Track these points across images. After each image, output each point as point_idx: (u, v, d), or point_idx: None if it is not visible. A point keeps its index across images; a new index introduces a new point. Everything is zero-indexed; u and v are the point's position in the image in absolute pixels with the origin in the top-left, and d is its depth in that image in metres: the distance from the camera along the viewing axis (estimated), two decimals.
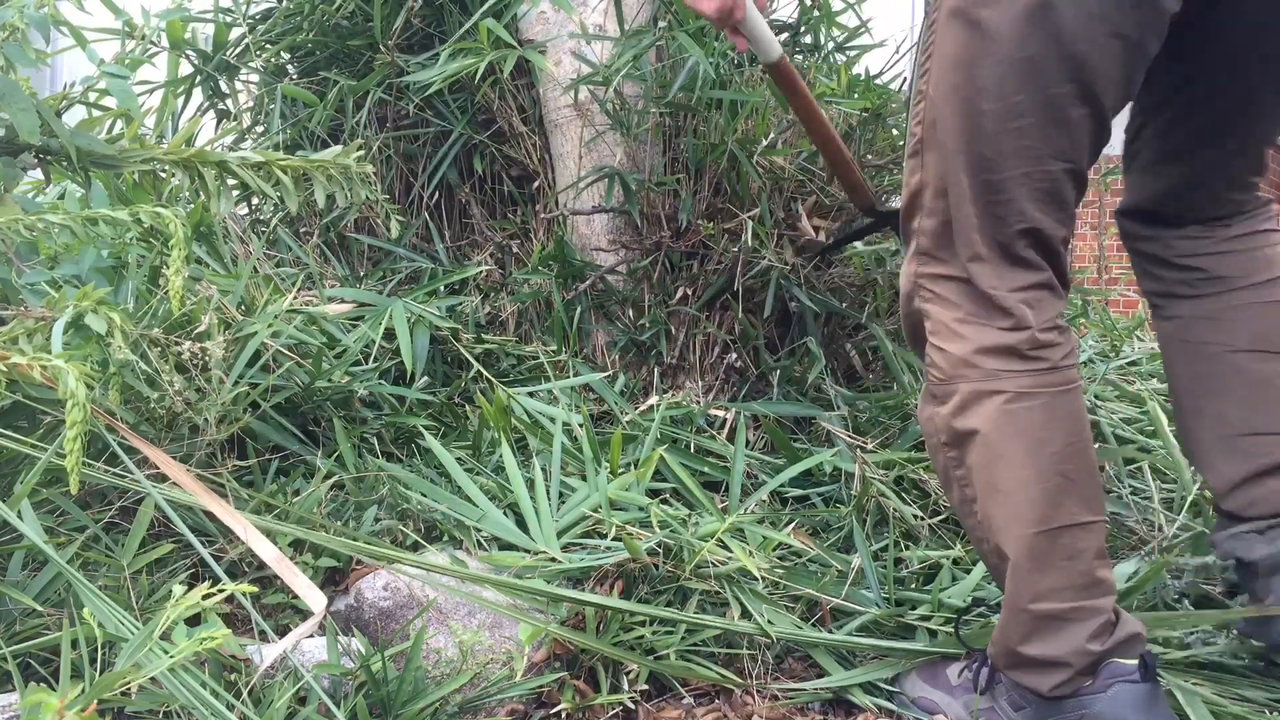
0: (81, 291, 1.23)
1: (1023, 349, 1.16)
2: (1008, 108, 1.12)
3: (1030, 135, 1.13)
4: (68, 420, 1.05)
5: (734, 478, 1.78)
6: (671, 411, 1.97)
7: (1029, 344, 1.16)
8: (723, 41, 2.10)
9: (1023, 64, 1.10)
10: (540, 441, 1.82)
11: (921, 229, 1.23)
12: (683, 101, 2.16)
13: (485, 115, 2.45)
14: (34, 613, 1.21)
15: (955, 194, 1.17)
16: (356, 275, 2.37)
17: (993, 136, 1.14)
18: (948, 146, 1.16)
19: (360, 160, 1.72)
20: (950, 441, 1.21)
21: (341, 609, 1.40)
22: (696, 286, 2.19)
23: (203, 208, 1.84)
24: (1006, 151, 1.14)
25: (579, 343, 2.24)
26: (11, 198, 1.44)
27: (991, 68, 1.12)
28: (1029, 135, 1.13)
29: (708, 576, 1.49)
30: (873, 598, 1.53)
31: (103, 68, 1.60)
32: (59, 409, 1.36)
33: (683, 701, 1.37)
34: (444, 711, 1.27)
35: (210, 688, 1.03)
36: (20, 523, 1.13)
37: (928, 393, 1.25)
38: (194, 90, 2.54)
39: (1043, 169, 1.14)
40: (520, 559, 1.50)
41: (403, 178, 2.50)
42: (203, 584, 0.94)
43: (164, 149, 1.57)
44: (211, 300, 1.63)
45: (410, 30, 2.39)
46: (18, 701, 1.05)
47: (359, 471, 1.70)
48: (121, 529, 1.42)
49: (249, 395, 1.65)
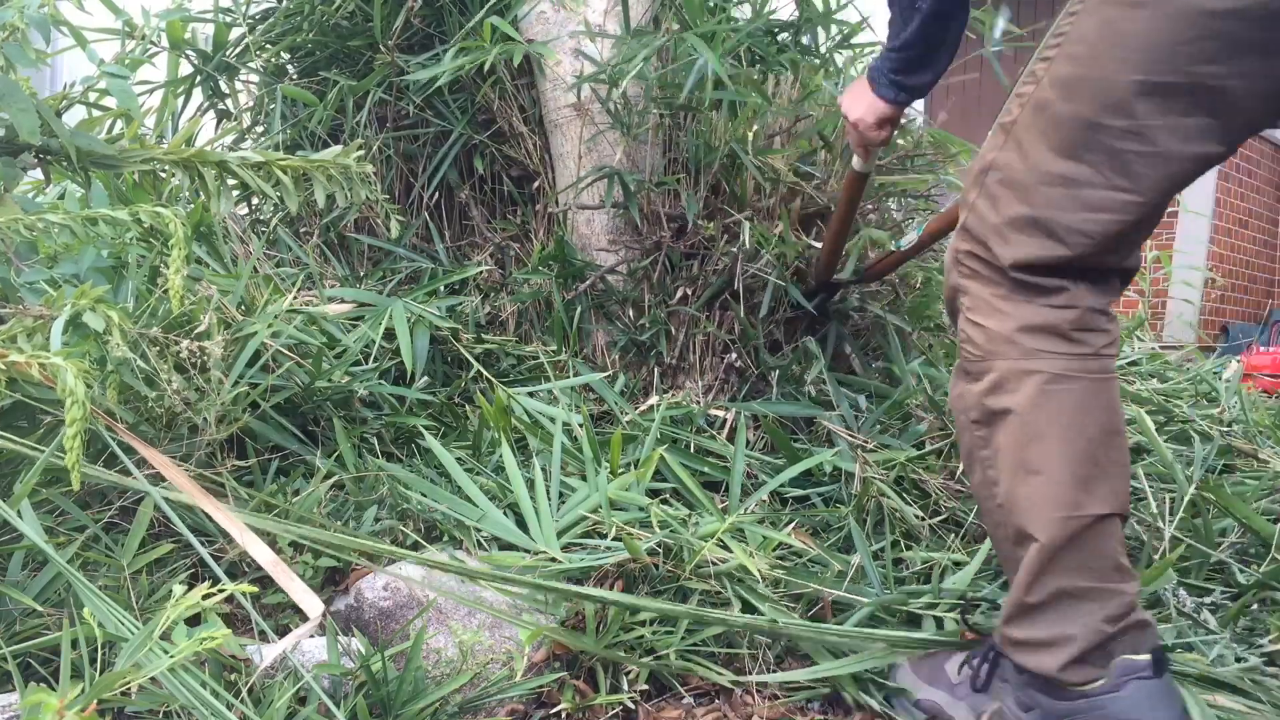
0: (80, 290, 1.23)
1: (1067, 329, 1.14)
2: (1130, 129, 1.09)
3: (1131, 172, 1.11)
4: (67, 418, 1.05)
5: (734, 478, 1.78)
6: (671, 411, 1.97)
7: (1075, 324, 1.14)
8: (726, 42, 2.10)
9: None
10: (540, 441, 1.82)
11: (976, 207, 1.20)
12: (684, 101, 2.16)
13: (485, 115, 2.45)
14: (34, 613, 1.21)
15: (1021, 194, 1.16)
16: (356, 275, 2.36)
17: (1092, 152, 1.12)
18: (1038, 147, 1.14)
19: (360, 160, 1.72)
20: (981, 419, 1.19)
21: (341, 609, 1.40)
22: (696, 286, 2.19)
23: (203, 208, 1.84)
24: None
25: (579, 343, 2.23)
26: (11, 198, 1.44)
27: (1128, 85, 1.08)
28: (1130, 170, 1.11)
29: (708, 576, 1.49)
30: (874, 595, 1.53)
31: (103, 68, 1.60)
32: (58, 408, 1.36)
33: (683, 701, 1.37)
34: (444, 711, 1.27)
35: (210, 688, 1.03)
36: (20, 522, 1.13)
37: (960, 369, 1.22)
38: (194, 90, 2.54)
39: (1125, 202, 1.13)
40: (520, 559, 1.50)
41: (403, 178, 2.50)
42: (203, 584, 0.94)
43: (164, 149, 1.57)
44: (211, 300, 1.63)
45: (410, 30, 2.39)
46: (18, 701, 1.05)
47: (359, 471, 1.70)
48: (121, 529, 1.42)
49: (249, 395, 1.65)
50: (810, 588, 1.51)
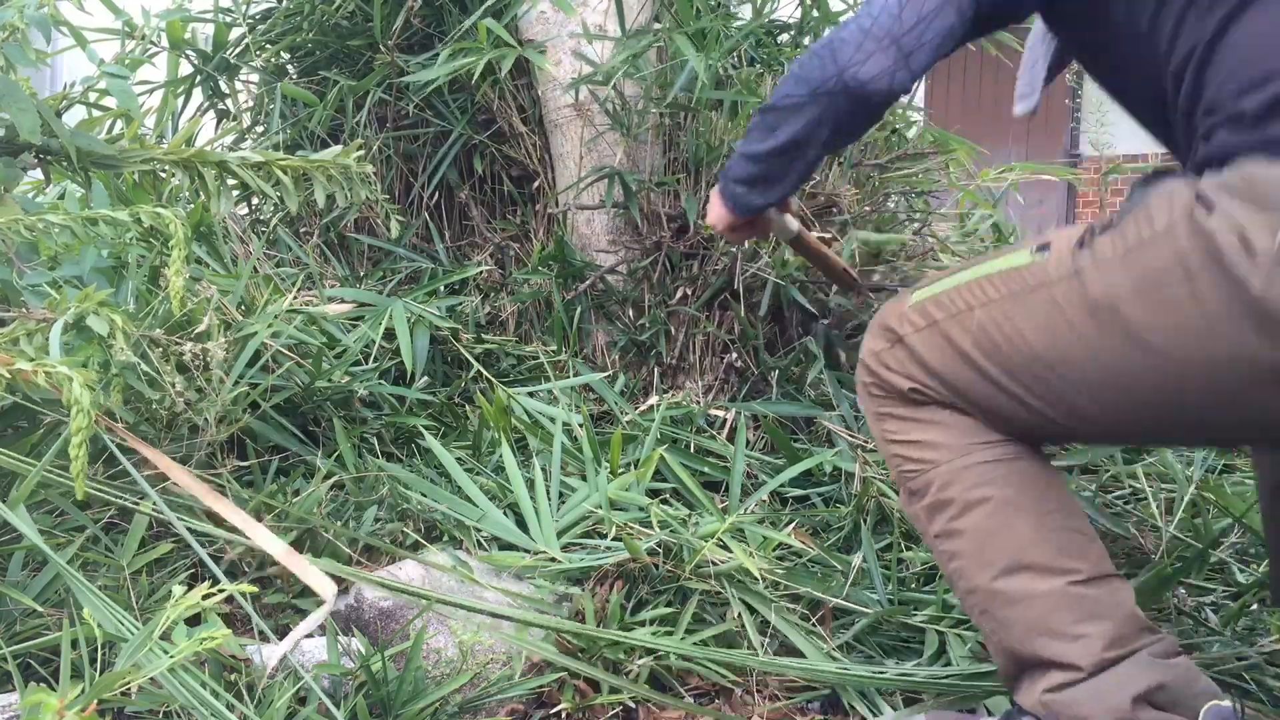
0: (83, 293, 1.23)
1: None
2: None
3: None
4: (72, 427, 1.05)
5: (734, 478, 1.78)
6: (671, 411, 1.97)
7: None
8: (721, 44, 2.10)
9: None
10: (540, 441, 1.82)
11: (886, 361, 1.20)
12: (682, 101, 2.16)
13: (485, 115, 2.45)
14: (34, 613, 1.21)
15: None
16: (356, 275, 2.36)
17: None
18: (949, 374, 1.14)
19: (360, 160, 1.72)
20: (943, 533, 1.18)
21: (341, 609, 1.40)
22: (696, 286, 2.19)
23: (203, 208, 1.84)
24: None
25: (579, 343, 2.24)
26: (11, 198, 1.44)
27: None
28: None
29: (708, 576, 1.49)
30: (876, 598, 1.53)
31: (103, 68, 1.59)
32: (58, 408, 1.36)
33: (683, 701, 1.37)
34: (444, 711, 1.27)
35: (210, 688, 1.03)
36: (20, 523, 1.13)
37: (904, 490, 1.22)
38: (194, 90, 2.54)
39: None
40: (520, 559, 1.50)
41: (403, 178, 2.50)
42: (202, 584, 0.95)
43: (164, 149, 1.57)
44: (211, 300, 1.63)
45: (410, 30, 2.39)
46: (18, 701, 1.05)
47: (359, 471, 1.70)
48: (121, 529, 1.42)
49: (249, 395, 1.65)
50: (814, 593, 1.51)
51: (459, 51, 2.15)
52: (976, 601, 1.16)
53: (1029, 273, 1.07)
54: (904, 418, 1.20)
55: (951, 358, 1.14)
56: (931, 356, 1.16)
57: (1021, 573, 1.12)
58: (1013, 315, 1.08)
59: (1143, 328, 0.98)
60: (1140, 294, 0.98)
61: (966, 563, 1.16)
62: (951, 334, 1.13)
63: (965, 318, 1.12)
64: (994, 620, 1.15)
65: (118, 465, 1.35)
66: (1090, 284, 1.01)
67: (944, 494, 1.16)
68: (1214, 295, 0.93)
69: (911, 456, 1.19)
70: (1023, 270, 1.08)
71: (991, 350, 1.10)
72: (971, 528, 1.15)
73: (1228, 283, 0.92)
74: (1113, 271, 1.00)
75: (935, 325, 1.15)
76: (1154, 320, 0.97)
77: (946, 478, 1.16)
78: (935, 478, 1.17)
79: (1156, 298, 0.97)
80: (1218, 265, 0.93)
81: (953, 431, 1.16)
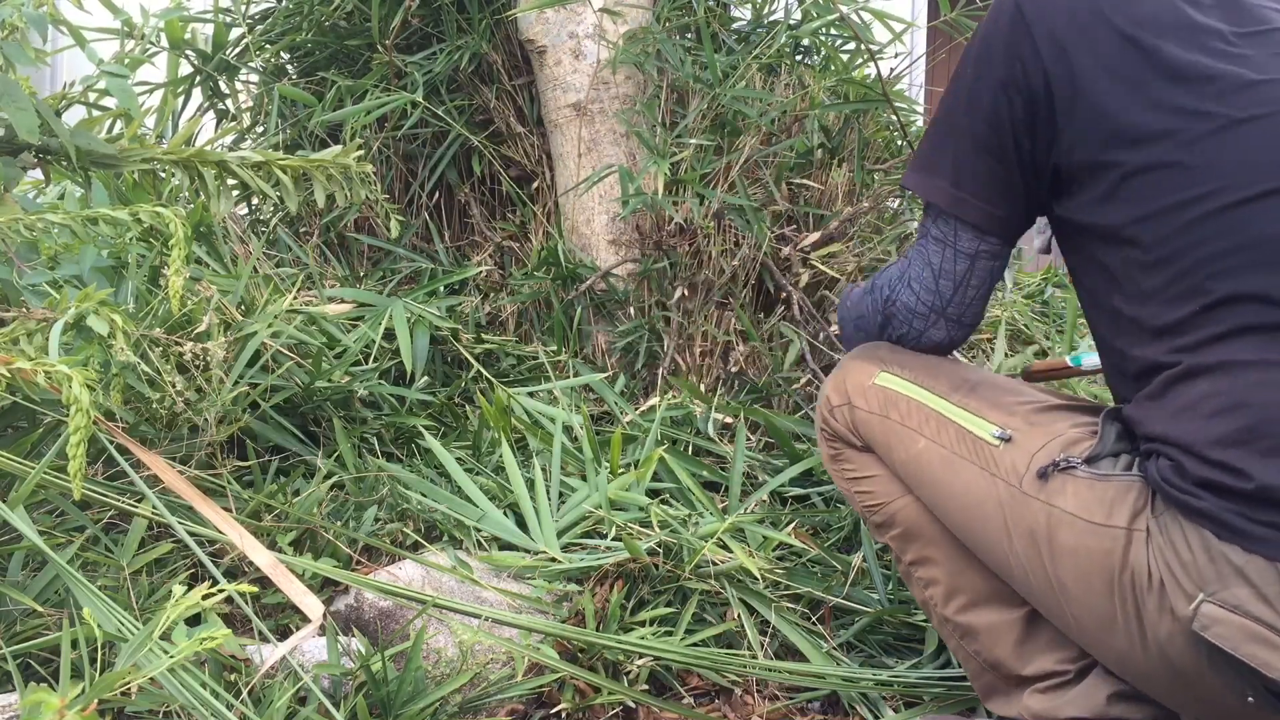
0: (83, 293, 1.23)
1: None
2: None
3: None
4: (71, 426, 1.05)
5: (734, 478, 1.78)
6: (672, 412, 1.97)
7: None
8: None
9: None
10: (540, 441, 1.82)
11: (837, 416, 1.25)
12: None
13: (484, 115, 2.45)
14: (34, 613, 1.21)
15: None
16: (356, 275, 2.36)
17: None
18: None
19: (360, 160, 1.72)
20: (916, 560, 1.22)
21: (341, 609, 1.40)
22: (696, 286, 2.19)
23: (203, 208, 1.84)
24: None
25: (579, 343, 2.23)
26: (11, 198, 1.44)
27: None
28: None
29: (708, 576, 1.49)
30: (876, 598, 1.53)
31: (102, 67, 1.59)
32: (57, 408, 1.36)
33: (683, 701, 1.37)
34: (444, 711, 1.27)
35: (210, 688, 1.03)
36: (20, 523, 1.13)
37: (870, 525, 1.27)
38: (193, 90, 2.54)
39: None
40: (520, 559, 1.50)
41: (402, 178, 2.50)
42: (202, 584, 0.94)
43: (164, 149, 1.57)
44: (211, 300, 1.63)
45: (409, 30, 2.39)
46: (18, 701, 1.05)
47: (359, 471, 1.70)
48: (121, 529, 1.42)
49: (249, 395, 1.65)
50: (814, 593, 1.51)
51: (456, 50, 2.15)
52: (950, 631, 1.22)
53: (983, 450, 1.09)
54: (856, 459, 1.25)
55: (885, 454, 1.20)
56: (872, 439, 1.21)
57: (994, 599, 1.17)
58: (951, 472, 1.11)
59: (1065, 577, 1.01)
60: (1074, 556, 1.00)
61: (940, 590, 1.21)
62: (892, 441, 1.18)
63: (911, 440, 1.16)
64: (977, 643, 1.20)
65: (117, 465, 1.35)
66: (1035, 515, 1.03)
67: (910, 525, 1.21)
68: (1132, 604, 0.96)
69: (870, 491, 1.24)
70: (980, 443, 1.10)
71: (918, 482, 1.16)
72: (944, 556, 1.19)
73: (1152, 605, 0.95)
74: (1059, 524, 1.01)
75: (886, 420, 1.19)
76: (1074, 583, 1.01)
77: (906, 509, 1.21)
78: (896, 509, 1.22)
79: (1085, 567, 0.99)
80: (1144, 590, 0.95)
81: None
